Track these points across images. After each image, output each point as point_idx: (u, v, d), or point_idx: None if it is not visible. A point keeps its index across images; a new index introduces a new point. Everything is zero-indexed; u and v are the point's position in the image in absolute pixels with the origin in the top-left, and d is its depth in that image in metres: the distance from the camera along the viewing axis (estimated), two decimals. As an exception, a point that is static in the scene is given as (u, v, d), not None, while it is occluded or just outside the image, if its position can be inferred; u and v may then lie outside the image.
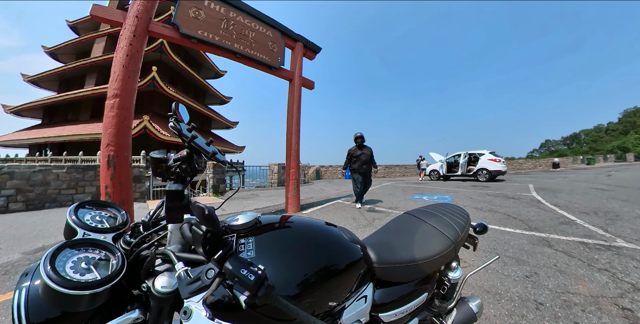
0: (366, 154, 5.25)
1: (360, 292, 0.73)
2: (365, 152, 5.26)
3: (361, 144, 5.35)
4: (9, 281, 2.12)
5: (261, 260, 0.56)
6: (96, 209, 0.71)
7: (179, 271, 0.51)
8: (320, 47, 5.70)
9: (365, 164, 5.22)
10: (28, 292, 0.47)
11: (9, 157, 16.61)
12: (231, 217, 0.62)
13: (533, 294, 1.82)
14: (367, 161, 5.23)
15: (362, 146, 5.36)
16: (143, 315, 0.53)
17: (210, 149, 0.68)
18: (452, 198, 6.37)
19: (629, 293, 1.81)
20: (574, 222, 3.75)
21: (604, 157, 35.65)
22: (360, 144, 5.35)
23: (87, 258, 0.52)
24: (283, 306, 0.46)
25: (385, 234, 1.02)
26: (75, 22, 19.13)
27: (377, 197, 6.72)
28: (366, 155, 5.24)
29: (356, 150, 5.30)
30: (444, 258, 0.92)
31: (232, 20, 4.21)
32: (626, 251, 2.59)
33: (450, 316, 1.03)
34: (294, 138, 5.15)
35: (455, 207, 1.23)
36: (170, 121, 0.61)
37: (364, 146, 5.38)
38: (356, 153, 5.27)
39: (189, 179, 0.63)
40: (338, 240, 0.73)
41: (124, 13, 3.20)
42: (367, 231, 3.47)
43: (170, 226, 0.60)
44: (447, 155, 13.83)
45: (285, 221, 0.71)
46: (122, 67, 3.03)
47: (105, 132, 2.96)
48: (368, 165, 5.26)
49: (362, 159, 5.20)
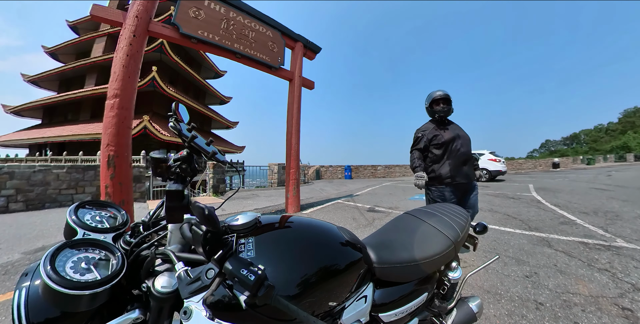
0: (464, 138, 2.29)
1: (360, 292, 0.73)
2: (460, 133, 2.29)
3: (445, 116, 2.30)
4: (9, 281, 2.12)
5: (261, 260, 0.56)
6: (96, 209, 0.71)
7: (179, 271, 0.51)
8: (320, 47, 5.70)
9: (467, 161, 2.26)
10: (28, 292, 0.47)
11: (9, 157, 16.60)
12: (231, 217, 0.62)
13: (533, 294, 1.82)
14: (467, 153, 2.26)
15: (446, 121, 2.35)
16: (143, 315, 0.53)
17: (210, 149, 0.68)
18: (452, 198, 6.37)
19: (629, 293, 1.81)
20: (574, 222, 3.75)
21: (604, 158, 35.66)
22: (444, 118, 2.31)
23: (87, 258, 0.52)
24: (283, 306, 0.46)
25: (385, 234, 1.02)
26: (75, 22, 19.12)
27: (377, 197, 6.72)
28: (465, 140, 2.28)
29: (438, 130, 2.29)
30: (444, 257, 0.92)
31: (232, 20, 4.21)
32: (626, 251, 2.59)
33: (450, 316, 1.03)
34: (294, 138, 5.14)
35: (455, 207, 1.23)
36: (170, 121, 0.61)
37: (450, 122, 2.38)
38: (441, 137, 2.24)
39: (189, 179, 0.63)
40: (338, 240, 0.73)
41: (124, 13, 3.20)
42: (367, 231, 3.47)
43: (170, 226, 0.60)
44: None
45: (285, 221, 0.71)
46: (122, 67, 3.03)
47: (105, 132, 2.96)
48: (471, 164, 2.29)
49: (459, 149, 2.22)
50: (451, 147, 2.19)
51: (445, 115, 2.27)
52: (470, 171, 2.24)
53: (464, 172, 2.18)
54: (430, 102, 2.32)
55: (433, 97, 2.29)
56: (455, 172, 2.15)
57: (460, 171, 2.17)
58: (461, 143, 2.21)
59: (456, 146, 2.18)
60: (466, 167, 2.20)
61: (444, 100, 2.25)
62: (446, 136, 2.20)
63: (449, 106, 2.25)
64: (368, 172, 17.84)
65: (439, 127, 2.27)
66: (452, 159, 2.17)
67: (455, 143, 2.19)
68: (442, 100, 2.25)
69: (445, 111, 2.25)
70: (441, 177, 2.18)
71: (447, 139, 2.19)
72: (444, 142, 2.19)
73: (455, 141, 2.19)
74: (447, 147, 2.19)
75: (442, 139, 2.20)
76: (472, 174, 2.26)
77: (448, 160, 2.18)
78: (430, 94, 2.34)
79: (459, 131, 2.27)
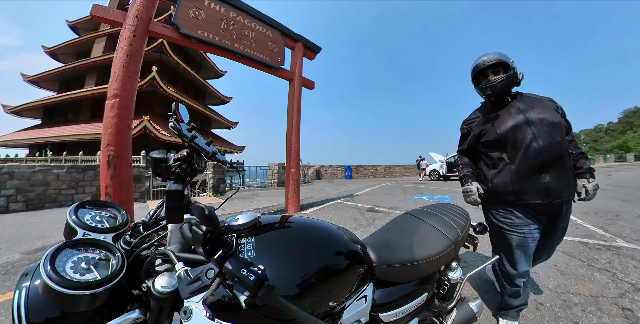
0: (544, 122, 1.28)
1: (360, 292, 0.73)
2: (534, 115, 1.30)
3: (502, 93, 1.39)
4: (9, 281, 2.12)
5: (261, 260, 0.56)
6: (96, 209, 0.71)
7: (179, 271, 0.51)
8: (320, 47, 5.70)
9: (548, 163, 1.25)
10: (28, 292, 0.47)
11: (9, 157, 16.60)
12: (231, 217, 0.62)
13: (533, 294, 1.82)
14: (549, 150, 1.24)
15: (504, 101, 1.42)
16: (143, 315, 0.53)
17: (210, 149, 0.68)
18: (452, 198, 6.37)
19: (629, 293, 1.81)
20: (574, 222, 3.75)
21: (604, 157, 35.64)
22: (500, 95, 1.40)
23: (87, 258, 0.52)
24: (283, 306, 0.46)
25: (385, 234, 1.02)
26: (75, 22, 19.12)
27: (377, 197, 6.72)
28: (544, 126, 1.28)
29: (489, 118, 1.42)
30: (444, 257, 0.92)
31: (232, 20, 4.20)
32: (626, 251, 2.59)
33: (450, 316, 1.03)
34: (294, 138, 5.14)
35: (455, 207, 1.23)
36: (170, 121, 0.61)
37: (515, 98, 1.42)
38: (495, 128, 1.37)
39: (189, 179, 0.64)
40: (338, 240, 0.73)
41: (124, 13, 3.20)
42: (367, 231, 3.47)
43: (170, 226, 0.60)
44: (447, 155, 13.85)
45: (285, 221, 0.71)
46: (122, 67, 3.03)
47: (105, 132, 2.95)
48: (561, 169, 1.28)
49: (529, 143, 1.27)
50: (513, 141, 1.29)
51: (501, 92, 1.36)
52: (557, 181, 1.24)
53: (542, 183, 1.24)
54: (473, 77, 1.47)
55: (475, 66, 1.43)
56: (523, 184, 1.27)
57: (534, 181, 1.25)
58: (535, 132, 1.25)
59: (523, 139, 1.26)
60: (548, 176, 1.24)
61: (493, 67, 1.37)
62: (503, 126, 1.33)
63: (505, 74, 1.33)
64: (368, 172, 17.85)
65: (493, 113, 1.40)
66: (517, 162, 1.28)
67: (521, 134, 1.27)
68: (490, 68, 1.38)
69: (498, 85, 1.32)
70: (498, 193, 1.36)
71: (505, 131, 1.31)
72: (499, 137, 1.33)
73: (521, 131, 1.28)
74: (507, 143, 1.32)
75: (495, 132, 1.34)
76: (560, 187, 1.25)
77: (510, 164, 1.31)
78: (473, 65, 1.46)
79: (533, 112, 1.30)
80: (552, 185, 1.25)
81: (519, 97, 1.43)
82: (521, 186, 1.29)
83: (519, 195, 1.30)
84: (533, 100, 1.40)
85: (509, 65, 1.35)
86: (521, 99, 1.41)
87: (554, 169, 1.26)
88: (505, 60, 1.36)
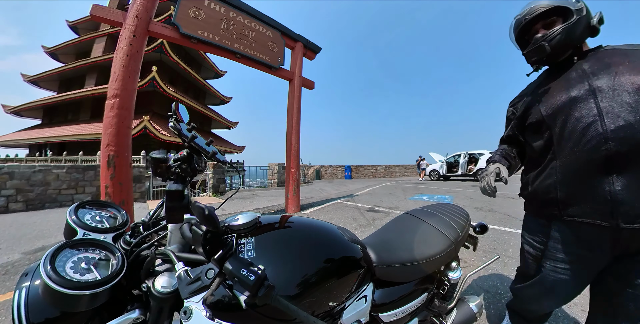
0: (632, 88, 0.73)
1: (360, 292, 0.73)
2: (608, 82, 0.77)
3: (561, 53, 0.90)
4: (9, 281, 2.12)
5: (261, 260, 0.56)
6: (96, 209, 0.71)
7: (179, 271, 0.51)
8: (320, 47, 5.70)
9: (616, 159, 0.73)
10: (28, 292, 0.47)
11: (9, 157, 16.60)
12: (231, 217, 0.62)
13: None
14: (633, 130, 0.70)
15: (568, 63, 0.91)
16: (143, 315, 0.53)
17: (210, 149, 0.68)
18: (452, 198, 6.37)
19: (629, 293, 1.81)
20: None
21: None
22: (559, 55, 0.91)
23: (87, 258, 0.52)
24: (283, 306, 0.46)
25: (385, 234, 1.02)
26: (75, 22, 19.12)
27: (377, 197, 6.72)
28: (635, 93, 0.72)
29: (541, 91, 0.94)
30: (444, 257, 0.92)
31: (232, 20, 4.21)
32: (626, 251, 2.59)
33: (450, 316, 1.03)
34: (294, 138, 5.14)
35: (455, 207, 1.23)
36: (170, 121, 0.61)
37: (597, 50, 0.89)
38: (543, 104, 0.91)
39: (189, 179, 0.64)
40: (338, 240, 0.73)
41: (124, 13, 3.20)
42: (367, 231, 3.47)
43: (170, 226, 0.61)
44: (447, 155, 13.86)
45: (285, 221, 0.71)
46: (122, 67, 3.03)
47: (105, 132, 2.96)
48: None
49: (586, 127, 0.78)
50: (563, 124, 0.86)
51: (557, 53, 0.91)
52: (633, 190, 0.73)
53: (605, 192, 0.76)
54: (516, 37, 1.02)
55: (516, 23, 0.98)
56: (572, 189, 0.84)
57: (590, 187, 0.79)
58: (603, 107, 0.77)
59: (579, 119, 0.81)
60: (618, 181, 0.74)
61: (544, 18, 0.91)
62: (549, 102, 0.91)
63: (563, 25, 0.86)
64: (368, 172, 17.85)
65: (545, 85, 0.96)
66: (564, 155, 0.85)
67: (576, 111, 0.82)
68: (540, 20, 0.92)
69: (548, 47, 0.88)
70: (537, 200, 0.98)
71: (552, 109, 0.89)
72: (543, 119, 0.91)
73: (577, 107, 0.82)
74: (553, 128, 0.89)
75: (539, 113, 0.93)
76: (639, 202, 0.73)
77: (556, 159, 0.88)
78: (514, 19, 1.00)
79: (607, 75, 0.80)
80: (624, 197, 0.73)
81: (591, 54, 0.89)
82: (569, 192, 0.83)
83: (566, 206, 0.84)
84: (618, 54, 0.83)
85: (570, 10, 0.86)
86: (594, 56, 0.88)
87: (630, 169, 0.73)
88: (563, 3, 0.87)
